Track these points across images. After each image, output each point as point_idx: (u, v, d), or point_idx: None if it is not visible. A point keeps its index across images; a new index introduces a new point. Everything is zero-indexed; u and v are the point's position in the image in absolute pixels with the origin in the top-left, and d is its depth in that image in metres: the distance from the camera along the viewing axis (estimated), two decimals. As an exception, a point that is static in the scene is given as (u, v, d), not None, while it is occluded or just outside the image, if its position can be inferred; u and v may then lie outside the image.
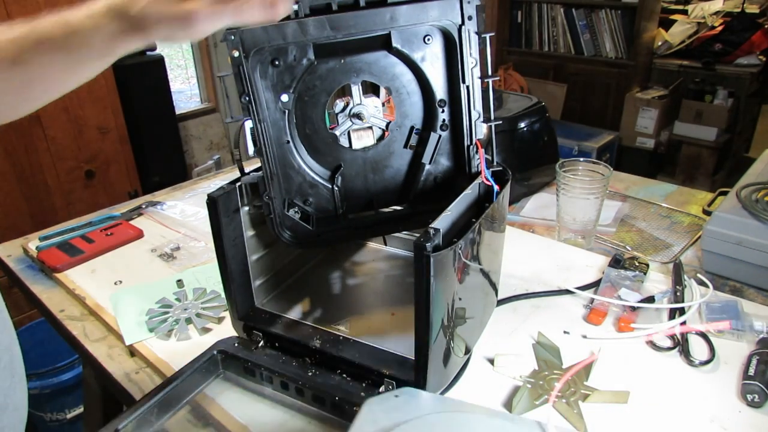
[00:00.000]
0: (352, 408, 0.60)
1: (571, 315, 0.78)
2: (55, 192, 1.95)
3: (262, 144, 0.65)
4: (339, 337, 0.68)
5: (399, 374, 0.61)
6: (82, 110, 1.93)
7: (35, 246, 1.01)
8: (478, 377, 0.68)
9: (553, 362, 0.69)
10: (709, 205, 1.06)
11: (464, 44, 0.64)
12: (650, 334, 0.72)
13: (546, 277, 0.87)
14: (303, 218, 0.71)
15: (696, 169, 3.17)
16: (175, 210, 1.16)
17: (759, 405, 0.62)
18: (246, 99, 0.62)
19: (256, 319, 0.73)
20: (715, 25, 3.18)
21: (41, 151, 1.87)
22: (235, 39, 0.60)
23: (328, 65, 0.65)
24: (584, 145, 2.97)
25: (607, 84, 3.31)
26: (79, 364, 1.61)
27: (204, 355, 0.68)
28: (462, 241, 0.56)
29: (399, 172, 0.72)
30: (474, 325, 0.69)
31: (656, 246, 0.97)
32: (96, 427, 1.13)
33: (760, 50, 3.04)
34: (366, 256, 0.91)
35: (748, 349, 0.70)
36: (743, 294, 0.83)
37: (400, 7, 0.62)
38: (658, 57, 3.31)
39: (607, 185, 0.91)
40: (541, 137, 1.16)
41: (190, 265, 0.95)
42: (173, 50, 2.98)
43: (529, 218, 1.08)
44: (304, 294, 0.81)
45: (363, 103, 0.68)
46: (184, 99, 2.98)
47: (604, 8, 3.20)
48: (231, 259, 0.69)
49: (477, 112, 0.67)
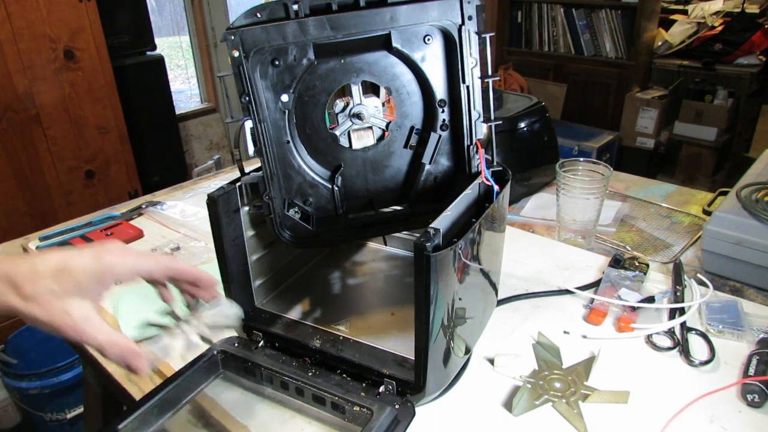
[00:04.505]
0: (352, 408, 0.60)
1: (571, 315, 0.78)
2: (55, 192, 1.95)
3: (262, 144, 0.65)
4: (339, 337, 0.68)
5: (399, 374, 0.61)
6: (82, 110, 1.93)
7: (35, 246, 1.01)
8: (478, 377, 0.68)
9: (553, 362, 0.69)
10: (709, 205, 1.06)
11: (464, 44, 0.64)
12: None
13: (546, 277, 0.87)
14: (303, 218, 0.71)
15: (696, 169, 3.17)
16: (175, 210, 1.16)
17: (759, 405, 0.62)
18: (246, 99, 0.62)
19: (256, 319, 0.73)
20: (715, 25, 3.18)
21: (41, 151, 1.87)
22: (235, 39, 0.60)
23: (328, 65, 0.65)
24: (584, 145, 2.97)
25: (607, 84, 3.31)
26: (79, 364, 1.61)
27: (204, 355, 0.68)
28: (462, 241, 0.56)
29: (399, 172, 0.72)
30: (474, 325, 0.69)
31: (656, 246, 0.97)
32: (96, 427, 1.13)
33: (760, 50, 3.04)
34: (366, 256, 0.91)
35: (748, 349, 0.70)
36: (743, 294, 0.83)
37: (400, 7, 0.62)
38: (658, 57, 3.31)
39: (607, 185, 0.91)
40: (541, 137, 1.16)
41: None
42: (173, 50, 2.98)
43: (529, 218, 1.08)
44: (304, 294, 0.81)
45: (363, 103, 0.68)
46: (184, 99, 2.98)
47: (604, 8, 3.20)
48: (231, 259, 0.69)
49: (477, 112, 0.67)
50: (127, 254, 0.53)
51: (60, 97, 1.86)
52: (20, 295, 0.47)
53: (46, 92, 1.83)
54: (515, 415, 0.62)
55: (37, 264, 0.49)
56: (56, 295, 0.48)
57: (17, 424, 1.83)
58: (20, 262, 0.49)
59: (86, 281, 0.49)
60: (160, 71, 2.30)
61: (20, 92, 1.78)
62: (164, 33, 2.89)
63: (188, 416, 0.63)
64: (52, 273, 0.48)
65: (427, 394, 0.60)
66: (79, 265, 0.49)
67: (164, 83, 2.34)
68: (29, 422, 1.74)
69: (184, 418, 0.63)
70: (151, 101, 2.32)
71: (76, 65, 1.88)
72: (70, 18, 1.83)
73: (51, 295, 0.48)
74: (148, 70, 2.27)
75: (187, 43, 2.85)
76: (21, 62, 1.76)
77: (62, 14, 1.81)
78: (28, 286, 0.47)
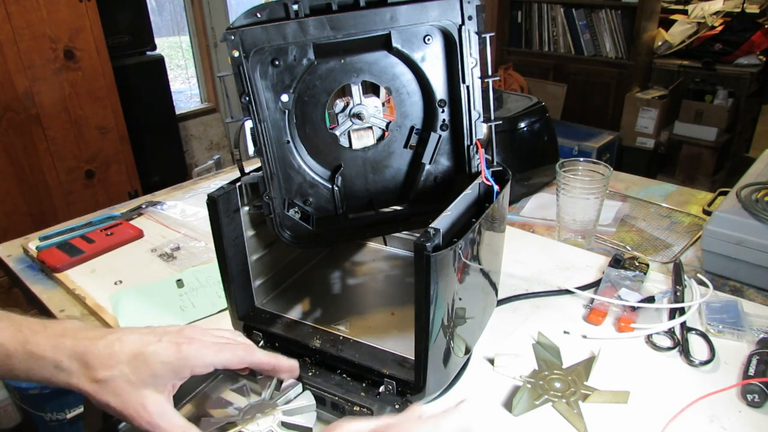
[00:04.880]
0: (352, 408, 0.60)
1: (571, 315, 0.78)
2: (55, 192, 1.95)
3: (262, 144, 0.65)
4: (339, 337, 0.68)
5: (399, 374, 0.61)
6: (82, 110, 1.93)
7: (35, 246, 1.01)
8: (478, 377, 0.68)
9: (553, 362, 0.69)
10: (709, 205, 1.06)
11: (464, 44, 0.64)
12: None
13: (546, 277, 0.87)
14: (303, 218, 0.71)
15: (696, 169, 3.17)
16: (175, 210, 1.16)
17: (759, 405, 0.62)
18: (246, 99, 0.62)
19: (256, 319, 0.73)
20: (715, 25, 3.18)
21: (41, 151, 1.87)
22: (235, 39, 0.60)
23: (328, 65, 0.65)
24: (584, 145, 2.97)
25: (607, 84, 3.32)
26: (79, 364, 1.61)
27: (204, 355, 0.68)
28: (462, 241, 0.56)
29: (399, 172, 0.72)
30: (474, 325, 0.69)
31: (656, 246, 0.97)
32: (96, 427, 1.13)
33: (760, 50, 3.04)
34: (366, 256, 0.91)
35: (748, 349, 0.70)
36: (743, 294, 0.83)
37: (400, 7, 0.62)
38: (658, 57, 3.31)
39: (607, 185, 0.91)
40: (541, 137, 1.16)
41: (190, 265, 0.95)
42: (173, 50, 2.98)
43: (529, 218, 1.08)
44: (304, 294, 0.81)
45: (363, 103, 0.68)
46: (184, 99, 2.98)
47: (604, 8, 3.20)
48: (231, 259, 0.69)
49: (477, 112, 0.67)
50: (206, 346, 0.51)
51: (60, 97, 1.86)
52: (92, 378, 0.46)
53: (46, 92, 1.83)
54: (515, 415, 0.62)
55: (114, 346, 0.47)
56: (132, 384, 0.46)
57: (17, 424, 1.83)
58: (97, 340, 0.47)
59: (163, 372, 0.48)
60: (160, 71, 2.30)
61: (20, 92, 1.78)
62: (164, 33, 2.89)
63: (188, 416, 0.63)
64: (129, 359, 0.47)
65: (427, 394, 0.60)
66: (157, 354, 0.48)
67: (164, 83, 2.34)
68: (29, 422, 1.74)
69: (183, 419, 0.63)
70: (151, 101, 2.32)
71: (76, 65, 1.88)
72: (70, 18, 1.83)
73: (126, 384, 0.46)
74: (148, 70, 2.27)
75: (187, 43, 2.85)
76: (21, 62, 1.76)
77: (62, 14, 1.81)
78: (103, 371, 0.46)
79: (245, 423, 0.57)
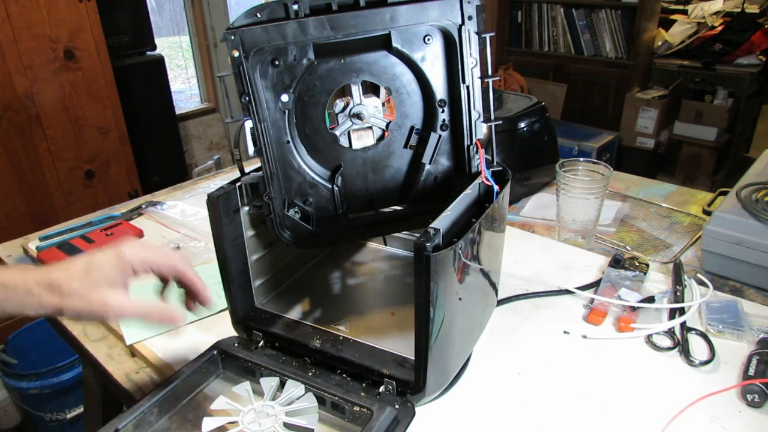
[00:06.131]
0: (352, 408, 0.60)
1: (571, 315, 0.78)
2: (55, 192, 1.94)
3: (262, 144, 0.65)
4: (339, 337, 0.68)
5: (399, 374, 0.61)
6: (82, 110, 1.93)
7: (35, 246, 1.01)
8: (478, 377, 0.68)
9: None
10: (709, 205, 1.06)
11: (464, 44, 0.63)
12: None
13: (546, 277, 0.87)
14: (303, 218, 0.71)
15: (696, 169, 3.17)
16: (175, 210, 1.16)
17: (759, 405, 0.62)
18: (246, 99, 0.62)
19: (256, 319, 0.73)
20: (715, 25, 3.18)
21: (41, 151, 1.87)
22: (235, 39, 0.60)
23: (328, 65, 0.65)
24: (584, 145, 2.97)
25: (607, 84, 3.31)
26: (79, 364, 1.61)
27: (204, 355, 0.68)
28: (462, 241, 0.56)
29: (399, 172, 0.72)
30: (474, 325, 0.69)
31: (656, 246, 0.97)
32: (96, 427, 1.13)
33: (760, 50, 3.03)
34: (366, 256, 0.91)
35: (748, 349, 0.70)
36: (743, 294, 0.83)
37: (400, 7, 0.62)
38: (658, 57, 3.31)
39: (607, 185, 0.91)
40: (541, 137, 1.16)
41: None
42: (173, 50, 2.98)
43: (529, 218, 1.08)
44: (304, 294, 0.81)
45: (363, 103, 0.68)
46: (184, 99, 2.98)
47: (604, 8, 3.19)
48: (231, 259, 0.69)
49: (477, 112, 0.67)
50: (144, 249, 0.61)
51: (60, 97, 1.86)
52: (60, 294, 0.55)
53: (46, 92, 1.83)
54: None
55: (69, 267, 0.57)
56: (90, 287, 0.55)
57: (17, 424, 1.83)
58: (53, 269, 0.57)
59: (112, 273, 0.57)
60: (160, 71, 2.30)
61: (20, 92, 1.78)
62: (164, 33, 2.88)
63: (188, 416, 0.63)
64: (84, 271, 0.56)
65: (427, 394, 0.60)
66: (104, 261, 0.58)
67: (164, 83, 2.34)
68: (29, 422, 1.74)
69: (184, 418, 0.63)
70: (151, 101, 2.32)
71: (76, 65, 1.88)
72: (70, 18, 1.83)
73: (86, 289, 0.55)
74: (148, 70, 2.27)
75: (187, 43, 2.85)
76: (21, 62, 1.76)
77: (62, 14, 1.81)
78: (66, 286, 0.55)
79: (247, 423, 0.58)
